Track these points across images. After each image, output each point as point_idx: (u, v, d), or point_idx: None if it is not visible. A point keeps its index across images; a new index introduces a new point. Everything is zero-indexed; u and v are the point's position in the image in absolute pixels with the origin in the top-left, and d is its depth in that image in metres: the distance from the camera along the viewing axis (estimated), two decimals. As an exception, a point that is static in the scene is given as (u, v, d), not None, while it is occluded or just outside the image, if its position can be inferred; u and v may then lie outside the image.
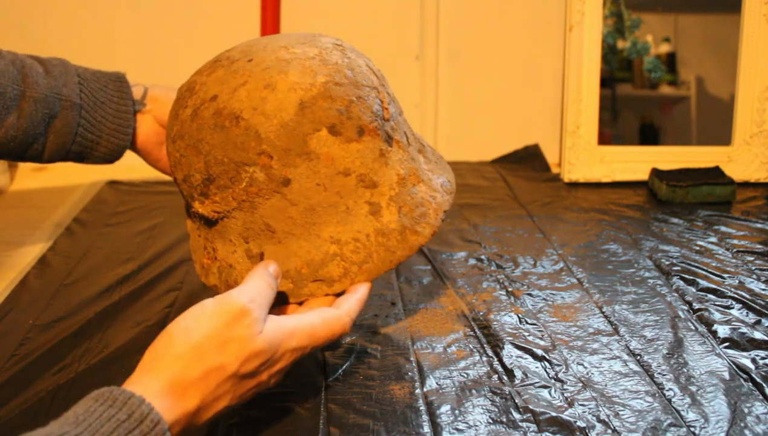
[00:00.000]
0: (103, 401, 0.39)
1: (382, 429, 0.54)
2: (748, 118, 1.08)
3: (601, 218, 0.95)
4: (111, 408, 0.39)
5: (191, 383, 0.42)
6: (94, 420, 0.38)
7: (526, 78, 1.18)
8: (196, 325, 0.43)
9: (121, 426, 0.38)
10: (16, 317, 0.70)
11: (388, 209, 0.57)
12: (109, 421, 0.38)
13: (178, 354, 0.42)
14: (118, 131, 0.75)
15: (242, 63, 0.57)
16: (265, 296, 0.48)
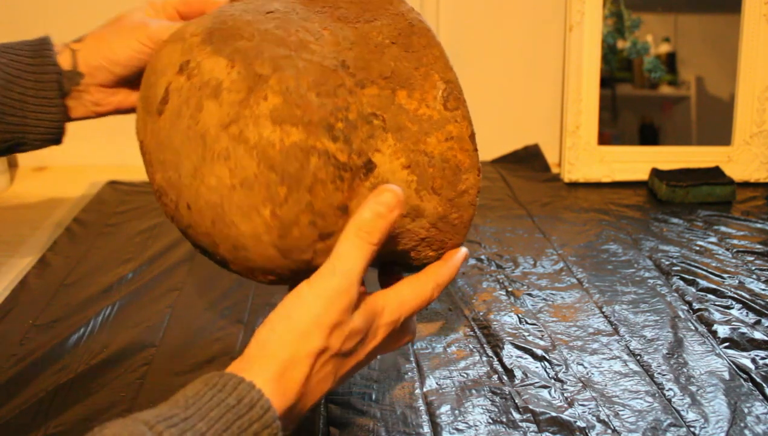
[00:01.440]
0: (212, 385, 0.39)
1: (382, 429, 0.54)
2: (748, 118, 1.08)
3: (601, 218, 0.95)
4: (221, 393, 0.39)
5: (298, 368, 0.42)
6: (204, 404, 0.38)
7: (526, 78, 1.18)
8: (297, 312, 0.43)
9: (231, 411, 0.38)
10: (16, 317, 0.70)
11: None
12: (218, 406, 0.38)
13: (283, 341, 0.42)
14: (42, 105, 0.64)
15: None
16: (360, 265, 0.44)
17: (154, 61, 0.50)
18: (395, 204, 0.44)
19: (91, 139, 1.17)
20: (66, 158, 1.17)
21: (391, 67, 0.47)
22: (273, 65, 0.44)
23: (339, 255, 0.44)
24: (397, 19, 0.49)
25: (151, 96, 0.49)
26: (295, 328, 0.42)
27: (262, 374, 0.41)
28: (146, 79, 0.51)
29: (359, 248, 0.44)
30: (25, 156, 1.17)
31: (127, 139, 1.18)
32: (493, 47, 1.17)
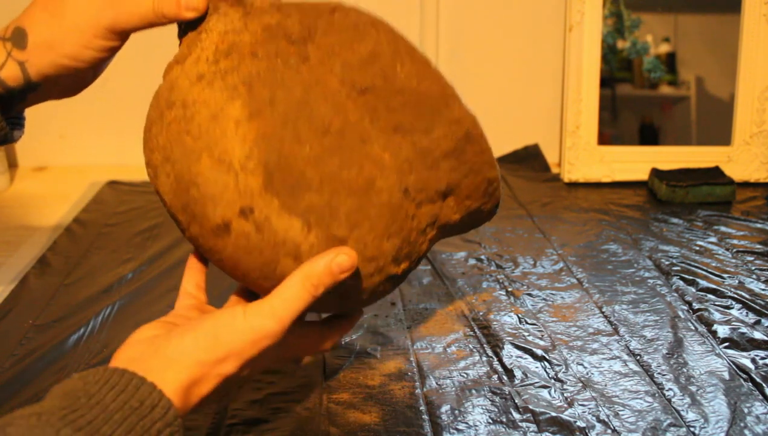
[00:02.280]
0: (113, 384, 0.39)
1: (382, 429, 0.54)
2: (748, 118, 1.08)
3: (601, 218, 0.95)
4: (123, 393, 0.39)
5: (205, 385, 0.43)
6: (108, 405, 0.38)
7: (526, 78, 1.18)
8: (225, 336, 0.43)
9: (134, 413, 0.39)
10: (16, 317, 0.70)
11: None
12: (122, 408, 0.38)
13: (201, 360, 0.43)
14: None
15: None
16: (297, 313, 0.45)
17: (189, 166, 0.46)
18: (348, 268, 0.45)
19: (91, 139, 1.17)
20: (66, 158, 1.17)
21: (446, 181, 0.50)
22: (349, 224, 0.46)
23: (283, 298, 0.44)
24: (454, 129, 0.50)
25: (200, 213, 0.47)
26: (218, 351, 0.43)
27: (172, 382, 0.41)
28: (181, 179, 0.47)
29: (301, 297, 0.44)
30: (25, 156, 1.17)
31: (127, 139, 1.18)
32: (493, 47, 1.17)
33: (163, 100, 0.48)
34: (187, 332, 0.43)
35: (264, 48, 0.47)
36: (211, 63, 0.47)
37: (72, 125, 1.17)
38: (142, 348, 0.43)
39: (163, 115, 0.47)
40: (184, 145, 0.46)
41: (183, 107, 0.46)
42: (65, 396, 0.38)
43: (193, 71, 0.47)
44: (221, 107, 0.45)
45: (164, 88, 0.49)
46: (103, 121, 1.17)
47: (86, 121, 1.16)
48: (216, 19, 0.49)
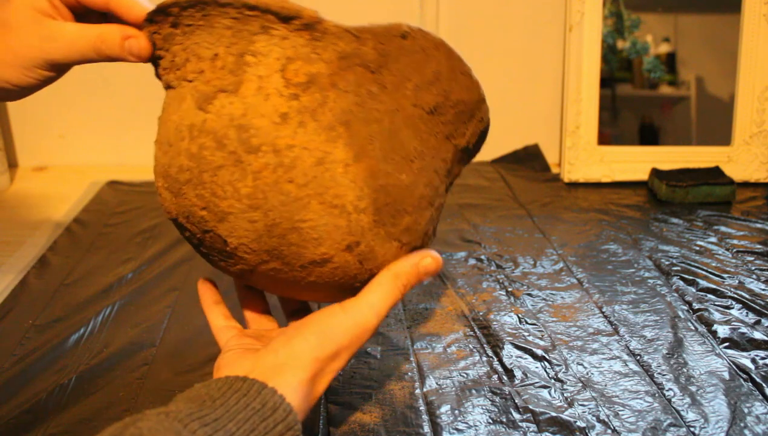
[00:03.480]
0: (236, 389, 0.42)
1: (382, 429, 0.54)
2: (748, 118, 1.08)
3: (601, 218, 0.95)
4: (246, 397, 0.41)
5: (322, 382, 0.46)
6: (231, 406, 0.41)
7: (526, 78, 1.18)
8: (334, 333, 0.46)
9: (257, 414, 0.41)
10: (16, 317, 0.70)
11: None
12: (245, 408, 0.41)
13: (316, 357, 0.45)
14: None
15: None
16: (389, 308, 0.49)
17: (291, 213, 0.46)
18: (433, 271, 0.50)
19: (91, 139, 1.17)
20: (66, 158, 1.17)
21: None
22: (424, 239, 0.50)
23: (379, 295, 0.48)
24: (479, 126, 0.55)
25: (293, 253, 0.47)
26: (330, 347, 0.46)
27: (292, 383, 0.43)
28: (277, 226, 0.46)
29: (393, 294, 0.48)
30: (25, 156, 1.17)
31: (127, 139, 1.19)
32: (493, 47, 1.17)
33: (233, 142, 0.45)
34: (293, 337, 0.46)
35: (345, 79, 0.46)
36: (289, 98, 0.45)
37: (72, 125, 1.17)
38: (247, 364, 0.45)
39: (242, 161, 0.44)
40: (285, 194, 0.45)
41: (275, 153, 0.44)
42: (190, 400, 0.41)
43: (267, 108, 0.45)
44: (325, 151, 0.45)
45: (221, 124, 0.45)
46: (103, 121, 1.17)
47: (86, 121, 1.16)
48: (266, 41, 0.46)
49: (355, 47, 0.47)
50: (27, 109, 1.15)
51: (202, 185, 0.46)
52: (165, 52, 0.48)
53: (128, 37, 0.49)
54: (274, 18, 0.45)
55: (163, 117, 0.49)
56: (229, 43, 0.46)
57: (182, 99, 0.47)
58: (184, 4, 0.45)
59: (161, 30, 0.48)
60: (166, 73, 0.49)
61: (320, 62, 0.46)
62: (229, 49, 0.46)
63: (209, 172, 0.45)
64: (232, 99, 0.45)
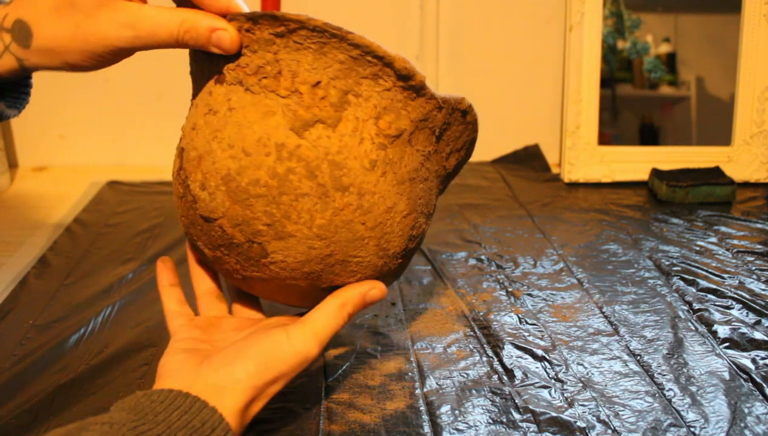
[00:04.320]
0: (178, 405, 0.42)
1: (382, 429, 0.54)
2: (748, 118, 1.08)
3: (601, 218, 0.95)
4: (187, 414, 0.42)
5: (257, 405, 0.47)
6: (173, 422, 0.41)
7: (526, 78, 1.19)
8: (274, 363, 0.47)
9: (196, 433, 0.42)
10: (16, 317, 0.70)
11: None
12: (185, 427, 0.42)
13: (254, 384, 0.46)
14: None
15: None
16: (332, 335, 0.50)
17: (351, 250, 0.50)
18: (378, 300, 0.52)
19: (91, 139, 1.17)
20: (66, 158, 1.17)
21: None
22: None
23: (322, 324, 0.49)
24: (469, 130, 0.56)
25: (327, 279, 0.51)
26: (268, 375, 0.46)
27: (229, 407, 0.44)
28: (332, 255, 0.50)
29: (336, 323, 0.50)
30: (25, 156, 1.17)
31: (127, 139, 1.19)
32: (493, 47, 1.17)
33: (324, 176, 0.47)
34: (234, 359, 0.46)
35: (417, 138, 0.51)
36: (379, 147, 0.48)
37: (72, 125, 1.17)
38: (188, 377, 0.46)
39: (328, 196, 0.47)
40: (353, 232, 0.49)
41: (359, 196, 0.48)
42: (132, 410, 0.41)
43: (360, 152, 0.48)
44: (394, 202, 0.49)
45: (316, 156, 0.47)
46: (103, 121, 1.17)
47: (86, 121, 1.16)
48: (371, 86, 0.48)
49: (434, 113, 0.51)
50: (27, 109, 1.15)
51: (276, 204, 0.47)
52: (250, 52, 0.48)
53: (216, 29, 0.46)
54: (390, 72, 0.47)
55: (234, 118, 0.48)
56: (335, 76, 0.47)
57: (269, 112, 0.47)
58: (310, 27, 0.45)
59: (258, 32, 0.47)
60: (242, 73, 0.48)
61: (407, 120, 0.49)
62: (334, 81, 0.47)
63: (290, 196, 0.47)
64: (330, 133, 0.47)
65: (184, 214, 0.52)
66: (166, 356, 0.49)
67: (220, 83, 0.49)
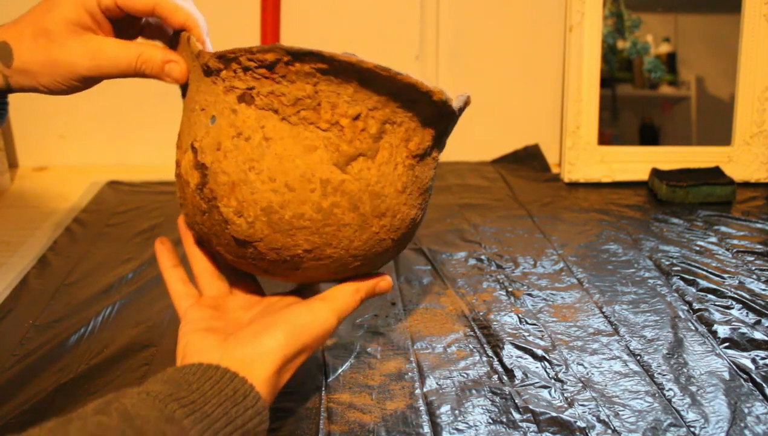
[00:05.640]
0: (210, 376, 0.44)
1: (382, 429, 0.54)
2: (748, 118, 1.08)
3: (601, 218, 0.95)
4: (219, 383, 0.44)
5: (287, 373, 0.49)
6: (207, 390, 0.43)
7: (526, 78, 1.19)
8: (303, 334, 0.49)
9: (229, 399, 0.44)
10: (16, 317, 0.70)
11: None
12: (219, 394, 0.44)
13: (285, 355, 0.48)
14: None
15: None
16: (348, 314, 0.53)
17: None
18: (385, 291, 0.56)
19: (91, 139, 1.17)
20: (66, 158, 1.17)
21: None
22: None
23: (342, 301, 0.53)
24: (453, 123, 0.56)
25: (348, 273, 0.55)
26: (297, 345, 0.49)
27: (260, 376, 0.47)
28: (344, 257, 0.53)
29: (351, 303, 0.53)
30: (25, 156, 1.17)
31: (127, 139, 1.19)
32: (493, 47, 1.17)
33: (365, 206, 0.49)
34: (261, 333, 0.48)
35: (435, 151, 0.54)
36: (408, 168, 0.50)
37: (72, 125, 1.17)
38: (216, 354, 0.48)
39: (367, 223, 0.50)
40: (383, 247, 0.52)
41: (392, 217, 0.51)
42: (167, 382, 0.43)
43: (394, 177, 0.50)
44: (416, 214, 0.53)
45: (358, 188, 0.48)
46: (103, 121, 1.17)
47: (86, 121, 1.16)
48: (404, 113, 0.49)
49: (451, 125, 0.53)
50: (27, 109, 1.15)
51: (318, 235, 0.49)
52: (288, 82, 0.46)
53: (169, 61, 0.53)
54: (426, 99, 0.48)
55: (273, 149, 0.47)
56: (373, 107, 0.47)
57: (311, 145, 0.47)
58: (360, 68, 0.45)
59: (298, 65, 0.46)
60: (278, 102, 0.47)
61: (430, 137, 0.51)
62: (373, 113, 0.48)
63: (334, 227, 0.49)
64: (369, 164, 0.49)
65: (205, 225, 0.52)
66: (185, 336, 0.51)
67: (248, 104, 0.48)
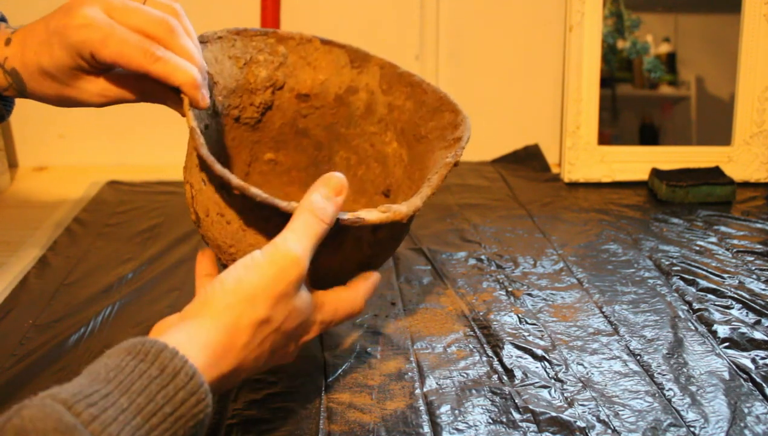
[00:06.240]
0: (135, 354, 0.38)
1: (382, 429, 0.54)
2: (748, 118, 1.08)
3: (601, 218, 0.95)
4: (143, 363, 0.37)
5: (239, 336, 0.41)
6: (126, 376, 0.37)
7: (526, 78, 1.18)
8: (247, 275, 0.42)
9: (154, 382, 0.37)
10: (16, 317, 0.70)
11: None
12: (141, 377, 0.37)
13: (227, 303, 0.41)
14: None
15: None
16: (312, 241, 0.45)
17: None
18: (341, 188, 0.47)
19: (91, 139, 1.17)
20: (66, 158, 1.17)
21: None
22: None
23: (293, 229, 0.45)
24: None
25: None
26: (244, 291, 0.42)
27: (199, 340, 0.40)
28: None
29: (312, 225, 0.45)
30: (25, 156, 1.17)
31: (127, 139, 1.19)
32: (493, 47, 1.17)
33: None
34: (209, 284, 0.42)
35: None
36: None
37: (72, 125, 1.17)
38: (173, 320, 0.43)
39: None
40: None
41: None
42: (87, 374, 0.38)
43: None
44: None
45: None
46: (103, 121, 1.17)
47: (86, 121, 1.16)
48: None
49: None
50: (27, 109, 1.15)
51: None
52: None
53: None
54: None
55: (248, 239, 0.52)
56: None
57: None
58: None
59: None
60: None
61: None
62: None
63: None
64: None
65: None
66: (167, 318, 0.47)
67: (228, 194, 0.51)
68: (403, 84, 0.64)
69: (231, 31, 0.62)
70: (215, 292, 0.42)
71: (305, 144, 0.68)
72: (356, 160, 0.67)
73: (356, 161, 0.67)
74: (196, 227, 0.56)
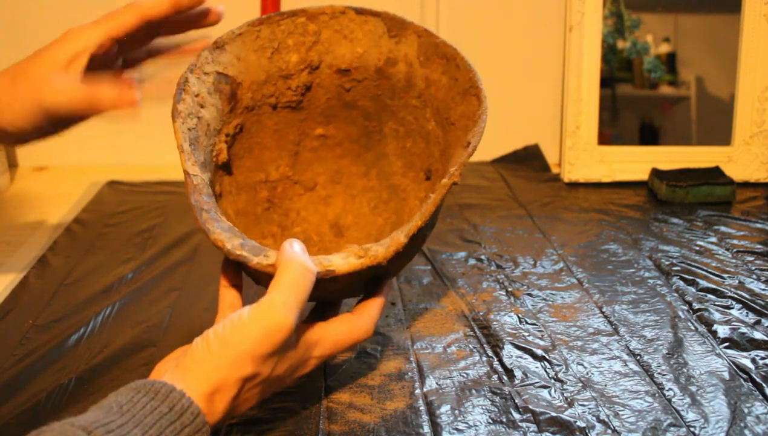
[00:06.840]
0: (145, 392, 0.41)
1: (382, 429, 0.54)
2: (748, 118, 1.08)
3: (601, 218, 0.95)
4: (153, 400, 0.41)
5: (227, 391, 0.44)
6: (138, 411, 0.40)
7: (526, 78, 1.18)
8: (233, 336, 0.44)
9: (164, 417, 0.40)
10: (16, 317, 0.70)
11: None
12: (152, 412, 0.40)
13: (217, 365, 0.43)
14: None
15: None
16: (300, 297, 0.46)
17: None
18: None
19: (91, 139, 1.17)
20: (66, 158, 1.17)
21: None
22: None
23: (280, 287, 0.45)
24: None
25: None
26: (230, 354, 0.43)
27: (194, 390, 0.43)
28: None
29: (298, 280, 0.45)
30: (25, 156, 1.17)
31: (127, 139, 1.19)
32: (493, 47, 1.17)
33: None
34: (200, 341, 0.44)
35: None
36: None
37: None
38: (170, 365, 0.46)
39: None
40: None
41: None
42: (99, 408, 0.41)
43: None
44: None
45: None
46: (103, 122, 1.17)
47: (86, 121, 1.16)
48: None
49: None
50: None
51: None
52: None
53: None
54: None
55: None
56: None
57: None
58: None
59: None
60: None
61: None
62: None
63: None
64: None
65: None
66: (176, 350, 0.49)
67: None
68: (439, 55, 0.61)
69: (253, 23, 0.61)
70: (203, 354, 0.44)
71: (354, 115, 0.66)
72: (404, 132, 0.66)
73: (404, 133, 0.66)
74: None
